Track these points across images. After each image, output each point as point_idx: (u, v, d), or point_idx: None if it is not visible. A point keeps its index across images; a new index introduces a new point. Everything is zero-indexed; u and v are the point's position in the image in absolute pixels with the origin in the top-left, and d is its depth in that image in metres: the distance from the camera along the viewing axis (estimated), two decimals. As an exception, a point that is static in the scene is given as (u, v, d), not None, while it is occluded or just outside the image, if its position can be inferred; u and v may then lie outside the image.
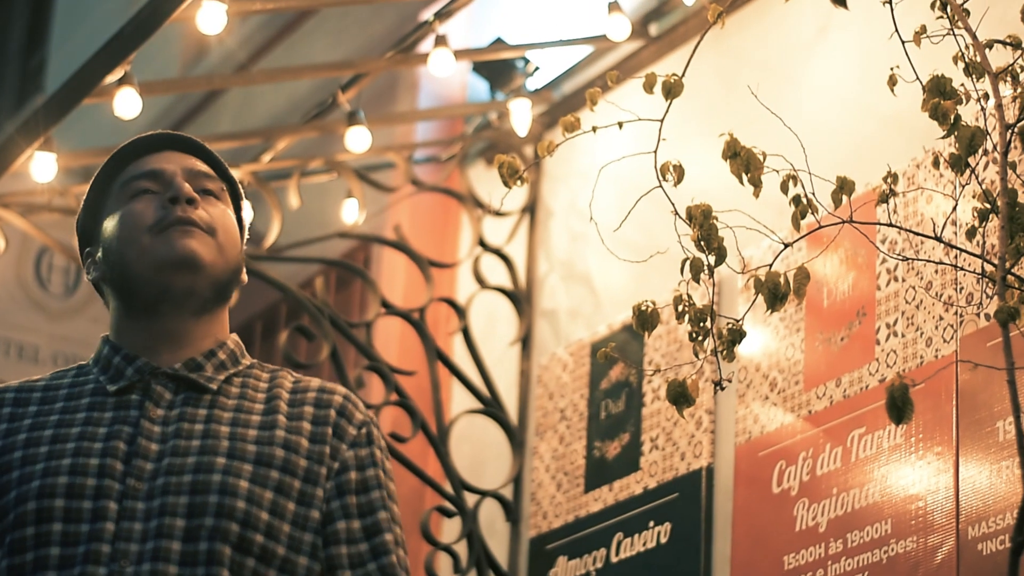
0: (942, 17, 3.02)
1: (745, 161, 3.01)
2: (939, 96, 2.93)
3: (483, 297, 5.11)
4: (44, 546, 2.21)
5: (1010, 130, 2.92)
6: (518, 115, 4.99)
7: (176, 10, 4.19)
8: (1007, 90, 3.04)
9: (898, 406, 2.65)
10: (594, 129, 3.13)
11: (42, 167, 4.81)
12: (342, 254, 5.75)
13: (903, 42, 3.02)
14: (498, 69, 5.28)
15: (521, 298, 5.09)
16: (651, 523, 4.33)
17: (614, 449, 4.53)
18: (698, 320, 2.98)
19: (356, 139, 4.83)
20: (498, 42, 5.17)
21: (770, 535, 3.95)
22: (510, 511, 4.83)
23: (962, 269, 3.50)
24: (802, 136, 3.30)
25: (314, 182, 5.41)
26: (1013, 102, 3.02)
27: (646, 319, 3.03)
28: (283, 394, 2.38)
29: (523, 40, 5.18)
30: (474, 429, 5.01)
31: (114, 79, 4.47)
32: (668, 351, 4.43)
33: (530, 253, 5.16)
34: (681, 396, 2.96)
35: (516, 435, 4.92)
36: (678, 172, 3.05)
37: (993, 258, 2.98)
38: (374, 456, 2.38)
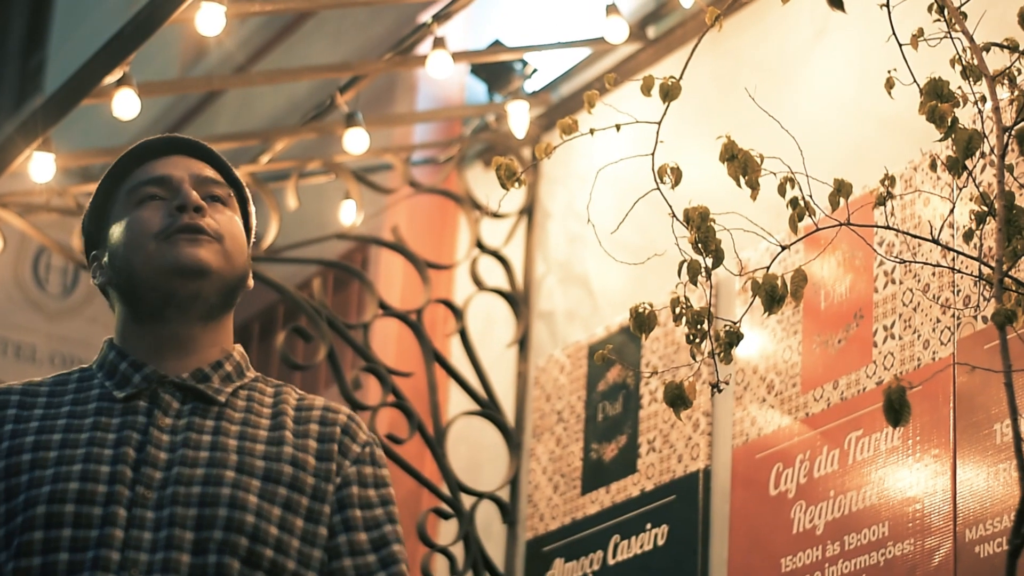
0: (939, 20, 3.02)
1: (743, 163, 3.00)
2: (936, 99, 2.93)
3: (480, 299, 5.11)
4: (53, 551, 2.20)
5: (1007, 133, 2.92)
6: (516, 117, 4.99)
7: (175, 11, 4.19)
8: (1004, 93, 3.04)
9: (895, 408, 2.65)
10: (592, 131, 3.13)
11: (41, 167, 4.81)
12: (340, 255, 5.75)
13: (900, 45, 3.02)
14: (496, 71, 5.28)
15: (518, 300, 5.09)
16: (648, 525, 4.32)
17: (611, 451, 4.53)
18: (695, 322, 2.98)
19: (354, 141, 4.83)
20: (496, 44, 5.17)
21: (767, 537, 3.95)
22: (507, 513, 4.83)
23: (959, 272, 3.50)
24: (799, 139, 3.30)
25: (312, 183, 5.41)
26: (1010, 105, 3.02)
27: (643, 321, 3.03)
28: (288, 410, 2.39)
29: (521, 42, 5.18)
30: (471, 431, 5.01)
31: (113, 80, 4.47)
32: (665, 353, 4.43)
33: (528, 255, 5.16)
34: (678, 398, 2.96)
35: (513, 437, 4.91)
36: (676, 174, 3.04)
37: (990, 261, 2.98)
38: (378, 475, 2.40)
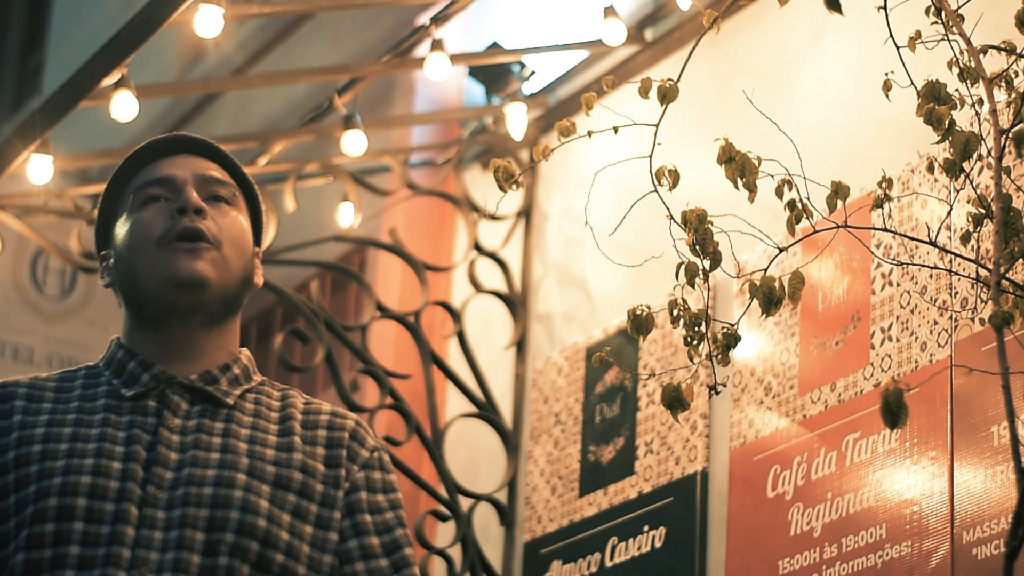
0: (937, 23, 3.02)
1: (740, 166, 3.00)
2: (934, 101, 2.93)
3: (478, 301, 5.11)
4: (64, 544, 2.20)
5: (1004, 135, 2.92)
6: (514, 119, 4.99)
7: (173, 14, 4.19)
8: (1001, 95, 3.04)
9: (893, 411, 2.64)
10: (589, 134, 3.13)
11: (39, 169, 4.80)
12: (337, 257, 5.76)
13: (898, 47, 3.02)
14: (494, 73, 5.28)
15: (516, 302, 5.09)
16: (646, 527, 4.32)
17: (609, 453, 4.53)
18: (693, 324, 2.98)
19: (352, 143, 4.83)
20: (494, 47, 5.17)
21: (765, 540, 3.95)
22: (504, 515, 4.83)
23: (957, 274, 3.50)
24: (797, 141, 3.30)
25: (310, 185, 5.40)
26: (1007, 107, 3.02)
27: (641, 323, 3.03)
28: (296, 415, 2.39)
29: (519, 45, 5.17)
30: (469, 433, 5.01)
31: (111, 82, 4.47)
32: (663, 355, 4.44)
33: (525, 257, 5.16)
34: (676, 400, 2.95)
35: (511, 439, 4.91)
36: (673, 176, 3.04)
37: (988, 263, 2.98)
38: (387, 480, 2.41)
